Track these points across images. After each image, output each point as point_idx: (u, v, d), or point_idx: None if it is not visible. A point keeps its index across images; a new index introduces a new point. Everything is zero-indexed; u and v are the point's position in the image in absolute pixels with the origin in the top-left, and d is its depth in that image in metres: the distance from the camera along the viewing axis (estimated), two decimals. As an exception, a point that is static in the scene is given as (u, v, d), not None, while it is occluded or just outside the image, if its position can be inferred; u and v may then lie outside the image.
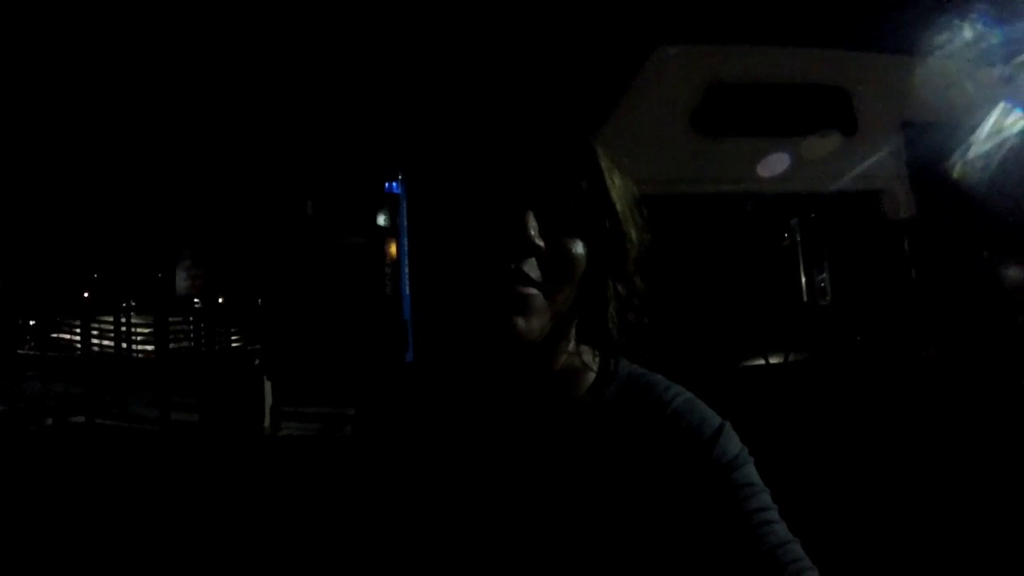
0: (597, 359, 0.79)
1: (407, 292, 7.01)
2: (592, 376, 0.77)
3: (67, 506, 3.86)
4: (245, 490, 3.96)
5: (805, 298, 5.93)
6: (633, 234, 0.77)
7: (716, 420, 0.73)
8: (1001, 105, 4.34)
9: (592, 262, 0.73)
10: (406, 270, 7.42)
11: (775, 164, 5.00)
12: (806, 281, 5.93)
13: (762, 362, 5.08)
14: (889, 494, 2.98)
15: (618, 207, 0.75)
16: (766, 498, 0.69)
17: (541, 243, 0.68)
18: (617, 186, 0.76)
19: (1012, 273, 4.80)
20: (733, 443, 0.71)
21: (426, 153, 0.80)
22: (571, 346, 0.77)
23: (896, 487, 3.04)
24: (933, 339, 4.70)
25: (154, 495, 3.98)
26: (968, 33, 3.97)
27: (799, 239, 5.95)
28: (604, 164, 0.76)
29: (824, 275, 5.82)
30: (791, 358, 5.16)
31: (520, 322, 0.67)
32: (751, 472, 0.70)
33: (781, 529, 0.66)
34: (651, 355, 0.79)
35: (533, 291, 0.68)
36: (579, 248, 0.71)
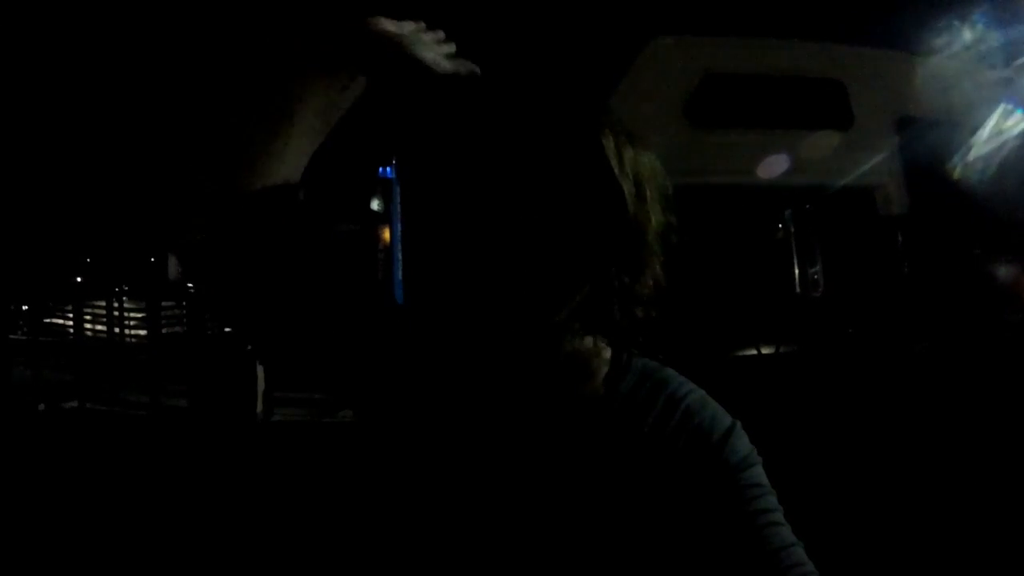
0: (608, 350, 0.75)
1: (399, 277, 7.00)
2: (605, 368, 0.75)
3: (60, 492, 3.86)
4: (237, 476, 3.96)
5: (798, 290, 5.95)
6: (651, 218, 0.72)
7: (727, 420, 0.72)
8: (1001, 107, 4.33)
9: (597, 251, 0.69)
10: (399, 255, 7.38)
11: (770, 157, 4.99)
12: (799, 273, 5.94)
13: (754, 352, 5.10)
14: (879, 485, 2.99)
15: (625, 190, 0.70)
16: (772, 500, 0.68)
17: (532, 234, 0.64)
18: (627, 169, 0.70)
19: (1002, 270, 4.83)
20: (743, 443, 0.70)
21: (419, 139, 0.75)
22: (579, 336, 0.73)
23: (886, 478, 3.05)
24: (924, 333, 4.73)
25: (146, 481, 3.98)
26: (968, 34, 3.96)
27: (792, 231, 5.96)
28: (610, 145, 0.69)
29: (817, 268, 5.84)
30: (783, 349, 5.18)
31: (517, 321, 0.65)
32: (759, 473, 0.70)
33: (786, 532, 0.66)
34: (644, 345, 0.77)
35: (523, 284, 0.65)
36: (579, 239, 0.67)
